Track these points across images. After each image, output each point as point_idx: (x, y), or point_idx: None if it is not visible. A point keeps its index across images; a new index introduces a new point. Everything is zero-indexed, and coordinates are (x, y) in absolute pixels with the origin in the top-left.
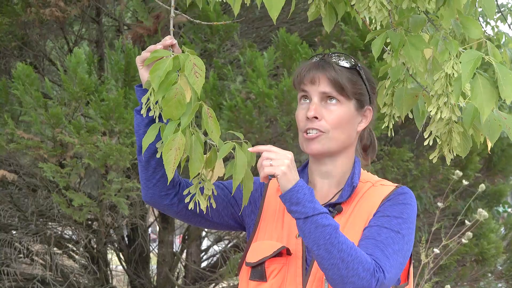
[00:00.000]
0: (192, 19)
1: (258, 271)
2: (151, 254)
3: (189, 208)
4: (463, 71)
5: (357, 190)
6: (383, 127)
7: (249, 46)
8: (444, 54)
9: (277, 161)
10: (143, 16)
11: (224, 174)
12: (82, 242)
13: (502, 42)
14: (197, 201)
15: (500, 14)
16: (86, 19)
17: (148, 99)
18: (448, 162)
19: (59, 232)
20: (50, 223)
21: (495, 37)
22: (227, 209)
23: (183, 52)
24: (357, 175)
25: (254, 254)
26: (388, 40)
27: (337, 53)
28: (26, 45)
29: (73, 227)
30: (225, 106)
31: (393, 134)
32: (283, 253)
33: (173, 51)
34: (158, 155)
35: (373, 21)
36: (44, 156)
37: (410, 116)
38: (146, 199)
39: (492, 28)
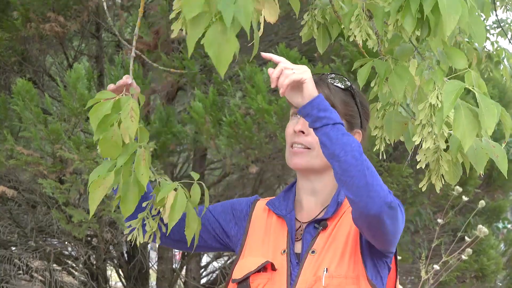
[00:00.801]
0: (152, 63)
1: (244, 286)
2: (151, 271)
3: (146, 240)
4: (445, 101)
5: (342, 206)
6: (374, 150)
7: (248, 62)
8: (429, 84)
9: (300, 69)
10: (143, 31)
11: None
12: (82, 258)
13: (502, 58)
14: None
15: (500, 29)
16: (85, 35)
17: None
18: (437, 190)
19: (59, 249)
20: (49, 239)
21: (494, 53)
22: (209, 233)
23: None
24: (343, 193)
25: (239, 270)
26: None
27: (335, 74)
28: (26, 61)
29: (72, 243)
30: (225, 122)
31: (384, 157)
32: (267, 268)
33: (128, 91)
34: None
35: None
36: (43, 172)
37: (402, 139)
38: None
39: (492, 44)
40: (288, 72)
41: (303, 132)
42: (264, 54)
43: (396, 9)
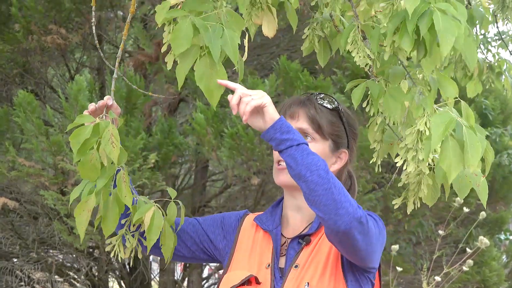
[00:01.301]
0: (138, 88)
1: None
2: (153, 282)
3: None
4: (434, 133)
5: None
6: (370, 162)
7: (250, 74)
8: (419, 109)
9: (258, 94)
10: (144, 43)
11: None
12: (83, 270)
13: (503, 69)
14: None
15: (501, 41)
16: (87, 47)
17: None
18: (408, 211)
19: (60, 260)
20: (51, 251)
21: (496, 64)
22: (197, 245)
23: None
24: None
25: (225, 284)
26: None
27: (323, 94)
28: (28, 73)
29: (74, 255)
30: (226, 133)
31: (379, 170)
32: (252, 281)
33: (108, 112)
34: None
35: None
36: (45, 184)
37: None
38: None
39: (493, 56)
40: (247, 99)
41: None
42: (219, 81)
43: (393, 31)
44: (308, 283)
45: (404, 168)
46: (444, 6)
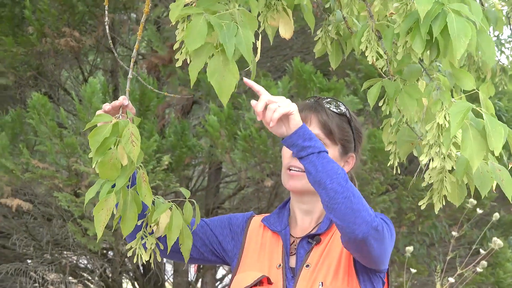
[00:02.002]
0: (153, 89)
1: None
2: (166, 283)
3: (145, 259)
4: (452, 122)
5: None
6: (388, 164)
7: (263, 75)
8: (437, 104)
9: (284, 102)
10: (157, 45)
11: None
12: (97, 271)
13: None
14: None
15: None
16: (100, 49)
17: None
18: (436, 211)
19: (74, 261)
20: (65, 252)
21: (509, 66)
22: (206, 246)
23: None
24: None
25: (236, 285)
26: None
27: (329, 98)
28: (41, 75)
29: (88, 256)
30: (240, 135)
31: (398, 171)
32: (264, 282)
33: (125, 112)
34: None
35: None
36: (59, 186)
37: (415, 154)
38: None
39: (507, 57)
40: (274, 106)
41: None
42: (246, 81)
43: (405, 31)
44: (322, 282)
45: (426, 165)
46: (458, 6)
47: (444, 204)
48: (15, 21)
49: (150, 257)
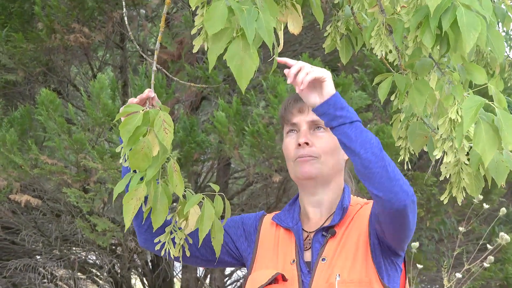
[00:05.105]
0: (171, 76)
1: None
2: (175, 279)
3: (161, 255)
4: (465, 117)
5: (348, 212)
6: (399, 160)
7: (268, 73)
8: (449, 99)
9: (318, 68)
10: (166, 41)
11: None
12: (106, 267)
13: None
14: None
15: None
16: (110, 45)
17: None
18: (459, 202)
19: (83, 257)
20: (74, 248)
21: None
22: (222, 247)
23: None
24: (347, 199)
25: (251, 284)
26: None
27: None
28: (51, 71)
29: (97, 252)
30: (248, 131)
31: (409, 167)
32: (279, 279)
33: (151, 104)
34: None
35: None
36: (68, 182)
37: (425, 149)
38: (141, 244)
39: None
40: (308, 69)
41: (307, 144)
42: (279, 59)
43: (415, 26)
44: (339, 275)
45: (438, 159)
46: (468, 1)
47: (464, 196)
48: (25, 17)
49: (179, 251)
